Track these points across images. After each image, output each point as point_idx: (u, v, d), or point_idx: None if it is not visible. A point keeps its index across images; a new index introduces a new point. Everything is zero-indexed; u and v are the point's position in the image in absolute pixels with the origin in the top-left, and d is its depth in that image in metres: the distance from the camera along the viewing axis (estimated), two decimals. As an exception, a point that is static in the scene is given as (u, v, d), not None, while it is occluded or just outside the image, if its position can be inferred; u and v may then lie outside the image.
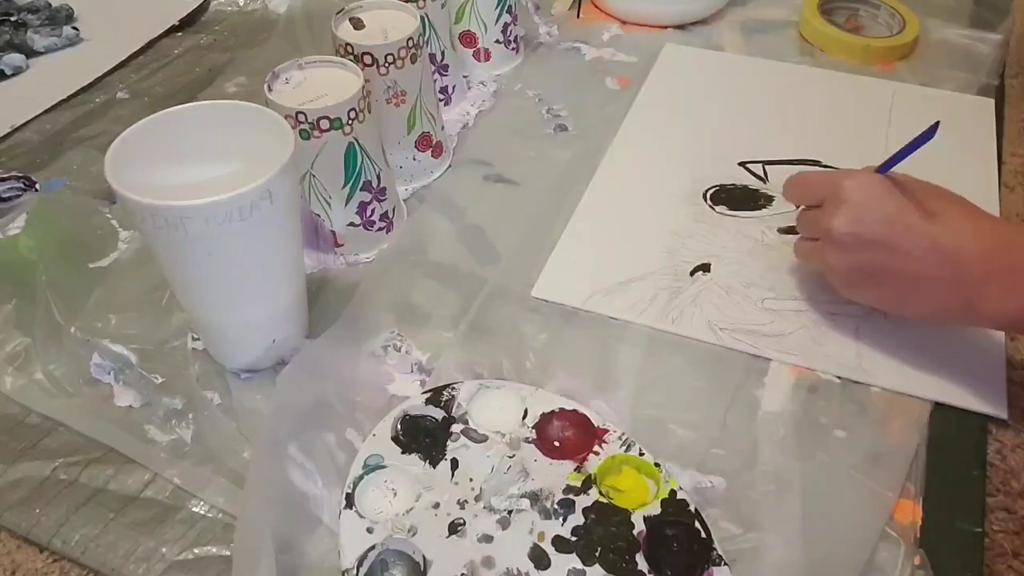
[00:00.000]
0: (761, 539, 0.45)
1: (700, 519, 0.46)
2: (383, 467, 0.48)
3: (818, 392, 0.53)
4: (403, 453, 0.48)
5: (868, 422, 0.51)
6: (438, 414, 0.50)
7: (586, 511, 0.46)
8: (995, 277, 0.46)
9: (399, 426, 0.50)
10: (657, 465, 0.48)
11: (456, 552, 0.44)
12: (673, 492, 0.47)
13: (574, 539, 0.45)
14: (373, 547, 0.44)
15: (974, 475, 0.49)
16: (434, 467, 0.48)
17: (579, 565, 0.44)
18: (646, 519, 0.46)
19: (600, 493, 0.47)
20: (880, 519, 0.46)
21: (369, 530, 0.45)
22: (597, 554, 0.44)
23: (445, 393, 0.51)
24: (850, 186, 0.50)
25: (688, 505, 0.46)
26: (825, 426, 0.51)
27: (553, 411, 0.51)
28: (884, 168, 0.52)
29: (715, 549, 0.45)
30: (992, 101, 0.75)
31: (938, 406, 0.52)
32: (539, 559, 0.44)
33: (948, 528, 0.47)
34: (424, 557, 0.44)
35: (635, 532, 0.45)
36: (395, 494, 0.47)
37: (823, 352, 0.55)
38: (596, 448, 0.49)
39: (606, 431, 0.50)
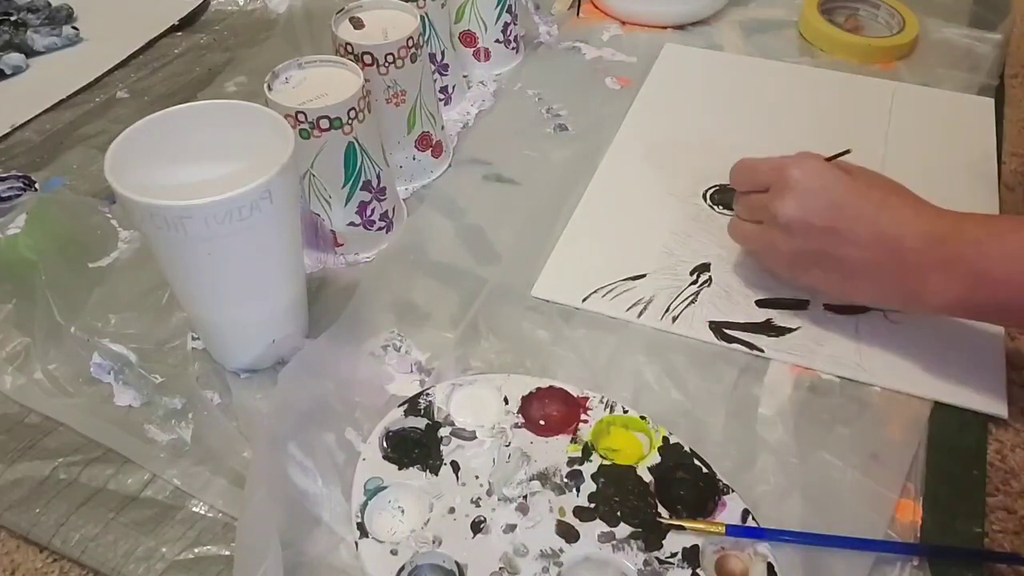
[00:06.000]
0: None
1: (697, 456, 0.48)
2: (384, 488, 0.47)
3: (818, 392, 0.53)
4: (400, 469, 0.48)
5: (868, 422, 0.51)
6: (421, 423, 0.50)
7: (595, 477, 0.47)
8: (937, 266, 0.47)
9: (385, 444, 0.49)
10: (643, 418, 0.50)
11: (486, 550, 0.45)
12: (666, 439, 0.49)
13: (593, 506, 0.46)
14: (403, 568, 0.44)
15: (974, 475, 0.49)
16: (436, 475, 0.48)
17: (606, 528, 0.45)
18: (651, 469, 0.47)
19: (601, 457, 0.48)
20: (880, 519, 0.46)
21: (393, 552, 0.44)
22: (619, 514, 0.46)
23: (421, 401, 0.51)
24: (797, 172, 0.51)
25: (683, 447, 0.48)
26: (825, 426, 0.51)
27: (531, 392, 0.51)
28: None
29: (720, 479, 0.46)
30: (992, 101, 0.75)
31: (938, 406, 0.52)
32: (567, 533, 0.45)
33: (948, 528, 0.47)
34: (457, 563, 0.44)
35: (645, 483, 0.47)
36: (403, 512, 0.47)
37: (823, 352, 0.55)
38: (583, 417, 0.50)
39: (587, 398, 0.51)
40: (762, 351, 0.55)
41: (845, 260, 0.50)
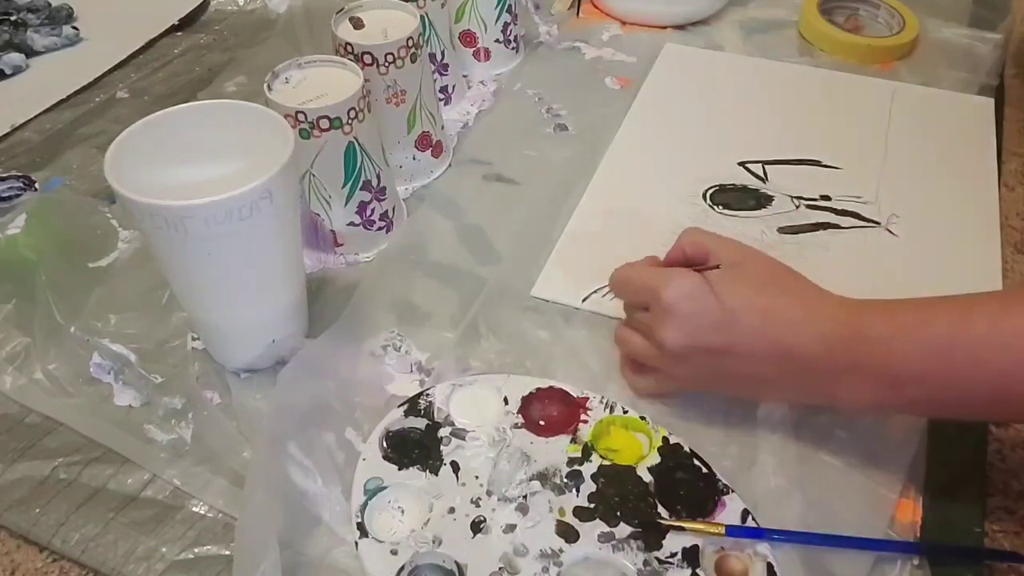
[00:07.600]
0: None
1: (697, 456, 0.48)
2: (384, 488, 0.47)
3: (818, 392, 0.53)
4: (400, 470, 0.48)
5: (868, 422, 0.51)
6: (421, 423, 0.50)
7: (594, 477, 0.48)
8: (844, 371, 0.44)
9: (385, 444, 0.49)
10: (643, 418, 0.50)
11: (486, 550, 0.45)
12: (665, 439, 0.49)
13: (592, 506, 0.46)
14: (403, 568, 0.44)
15: (974, 475, 0.49)
16: (436, 475, 0.48)
17: (606, 528, 0.45)
18: (650, 469, 0.48)
19: (601, 457, 0.48)
20: (880, 519, 0.46)
21: (393, 552, 0.44)
22: (618, 514, 0.46)
23: (421, 401, 0.51)
24: (671, 294, 0.47)
25: (683, 447, 0.48)
26: (825, 426, 0.51)
27: (531, 392, 0.51)
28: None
29: (719, 479, 0.47)
30: (992, 101, 0.75)
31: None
32: (567, 533, 0.45)
33: (948, 528, 0.47)
34: (457, 563, 0.44)
35: (645, 484, 0.47)
36: (403, 512, 0.47)
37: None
38: (583, 417, 0.50)
39: (586, 399, 0.51)
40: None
41: (747, 374, 0.47)
